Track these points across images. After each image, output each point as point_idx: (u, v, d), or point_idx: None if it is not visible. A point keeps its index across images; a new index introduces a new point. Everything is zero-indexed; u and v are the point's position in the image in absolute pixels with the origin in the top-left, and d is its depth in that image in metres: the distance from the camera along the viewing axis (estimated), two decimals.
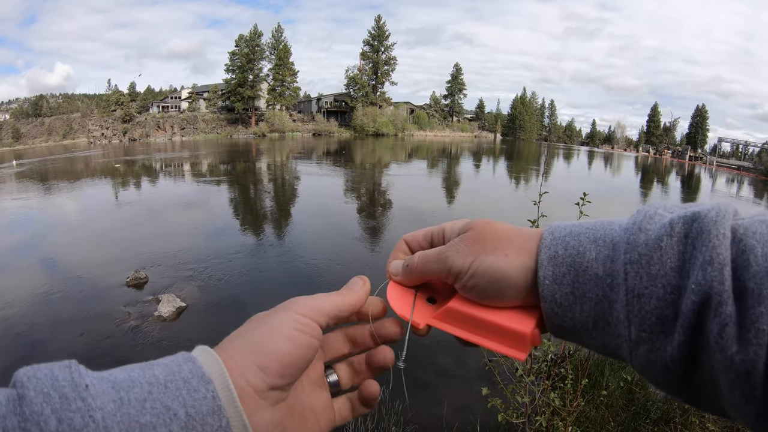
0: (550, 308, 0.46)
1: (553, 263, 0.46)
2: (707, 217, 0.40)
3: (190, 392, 0.39)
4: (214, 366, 0.41)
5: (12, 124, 79.89)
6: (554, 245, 0.47)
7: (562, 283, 0.46)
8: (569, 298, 0.45)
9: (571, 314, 0.45)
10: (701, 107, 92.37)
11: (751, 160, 69.45)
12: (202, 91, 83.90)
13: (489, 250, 0.50)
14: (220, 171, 30.28)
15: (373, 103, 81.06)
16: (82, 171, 31.55)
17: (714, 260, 0.37)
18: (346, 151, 47.72)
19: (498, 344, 0.50)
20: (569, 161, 54.23)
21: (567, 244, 0.47)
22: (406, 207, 16.86)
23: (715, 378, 0.37)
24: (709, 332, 0.36)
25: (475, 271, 0.50)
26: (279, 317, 0.48)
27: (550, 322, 0.47)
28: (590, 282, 0.44)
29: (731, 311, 0.36)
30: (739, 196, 31.46)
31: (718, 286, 0.36)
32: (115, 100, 74.50)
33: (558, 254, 0.47)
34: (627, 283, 0.41)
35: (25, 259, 10.60)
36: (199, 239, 11.95)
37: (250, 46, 74.49)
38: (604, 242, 0.45)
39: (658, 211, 0.44)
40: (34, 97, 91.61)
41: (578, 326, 0.46)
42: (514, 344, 0.49)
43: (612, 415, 4.17)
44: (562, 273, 0.46)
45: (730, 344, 0.35)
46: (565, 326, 0.47)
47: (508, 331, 0.49)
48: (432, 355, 6.00)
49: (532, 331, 0.48)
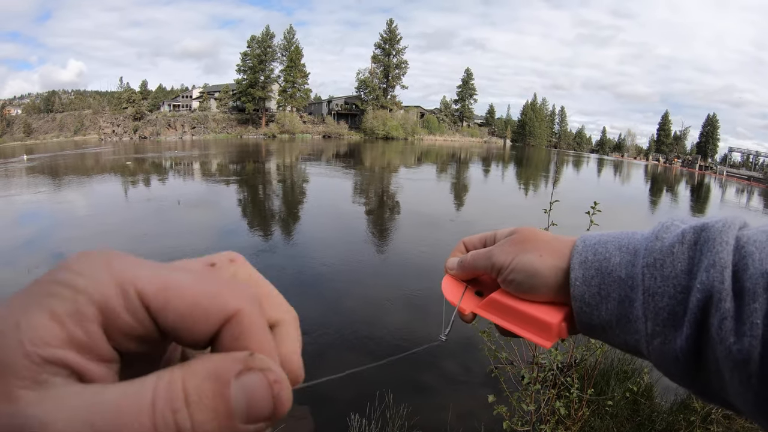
0: (579, 307, 0.51)
1: (583, 267, 0.52)
2: (714, 227, 0.45)
3: None
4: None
5: (24, 119, 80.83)
6: (585, 251, 0.53)
7: (591, 284, 0.51)
8: (596, 298, 0.50)
9: (597, 313, 0.50)
10: (712, 116, 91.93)
11: (761, 171, 69.03)
12: (213, 90, 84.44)
13: (528, 250, 0.57)
14: (230, 171, 30.39)
15: (383, 106, 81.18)
16: (93, 167, 31.79)
17: (717, 263, 0.42)
18: (355, 155, 47.76)
19: (529, 333, 0.55)
20: (579, 169, 54.02)
21: (596, 250, 0.52)
22: (416, 211, 16.87)
23: (718, 368, 0.41)
24: (711, 326, 0.41)
25: (515, 267, 0.56)
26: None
27: (580, 320, 0.52)
28: (614, 284, 0.49)
29: (730, 307, 0.40)
30: (749, 207, 31.21)
31: (719, 285, 0.41)
32: (127, 97, 75.20)
33: (588, 259, 0.52)
34: (644, 284, 0.46)
35: (34, 254, 10.67)
36: (206, 238, 11.99)
37: (262, 47, 74.88)
38: (627, 249, 0.50)
39: (675, 223, 0.50)
40: (47, 93, 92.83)
41: (604, 324, 0.50)
42: (542, 333, 0.54)
43: (617, 425, 4.14)
44: (590, 276, 0.51)
45: (729, 336, 0.39)
46: (592, 324, 0.51)
47: (538, 321, 0.54)
48: (437, 361, 5.99)
49: (559, 323, 0.54)
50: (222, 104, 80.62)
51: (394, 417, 4.26)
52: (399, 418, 4.25)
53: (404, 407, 4.45)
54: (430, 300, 7.58)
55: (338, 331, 6.64)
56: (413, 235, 12.99)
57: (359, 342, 6.40)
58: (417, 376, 5.75)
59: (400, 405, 4.44)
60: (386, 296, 8.06)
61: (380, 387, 4.83)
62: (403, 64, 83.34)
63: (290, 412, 3.08)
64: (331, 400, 5.17)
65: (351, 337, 6.50)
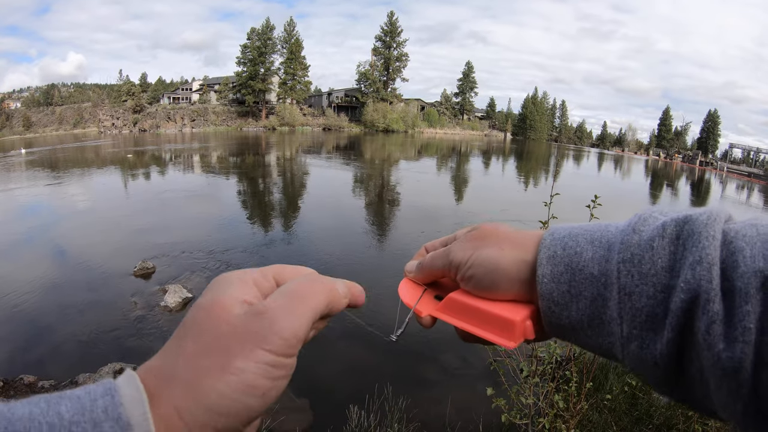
0: (547, 306, 0.48)
1: (551, 262, 0.48)
2: (698, 220, 0.41)
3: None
4: (137, 407, 0.32)
5: (23, 112, 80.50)
6: (553, 245, 0.49)
7: (560, 281, 0.47)
8: (566, 297, 0.46)
9: (567, 312, 0.46)
10: (713, 112, 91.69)
11: (762, 167, 68.98)
12: (213, 83, 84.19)
13: (488, 245, 0.53)
14: (230, 163, 30.41)
15: (383, 99, 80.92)
16: (92, 160, 31.73)
17: (703, 260, 0.38)
18: (355, 147, 47.72)
19: (490, 333, 0.51)
20: (579, 163, 53.94)
21: (565, 244, 0.48)
22: (415, 204, 16.87)
23: (704, 376, 0.38)
24: (698, 330, 0.37)
25: (473, 263, 0.52)
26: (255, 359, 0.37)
27: (548, 321, 0.48)
28: (586, 281, 0.45)
29: (719, 309, 0.37)
30: (749, 203, 31.20)
31: (707, 284, 0.37)
32: (126, 90, 74.88)
33: (557, 254, 0.48)
34: (619, 282, 0.43)
35: (35, 247, 10.70)
36: (207, 230, 11.98)
37: (262, 39, 74.58)
38: (600, 243, 0.46)
39: (653, 214, 0.46)
40: (46, 86, 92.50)
41: (574, 324, 0.47)
42: (504, 333, 0.50)
43: (615, 419, 4.15)
44: (559, 272, 0.47)
45: (718, 341, 0.36)
46: (561, 324, 0.48)
47: (500, 319, 0.50)
48: (436, 354, 6.01)
49: (523, 321, 0.50)
50: (222, 97, 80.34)
51: (393, 410, 4.28)
52: (398, 411, 4.26)
53: (403, 400, 4.46)
54: None
55: (336, 321, 6.64)
56: (417, 226, 12.99)
57: (359, 331, 6.41)
58: (416, 369, 5.76)
59: (399, 398, 4.46)
60: (385, 285, 8.07)
61: (379, 380, 4.85)
62: (404, 57, 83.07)
63: (289, 404, 3.15)
64: (330, 393, 5.19)
65: (351, 327, 6.51)
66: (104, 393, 0.33)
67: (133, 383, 0.34)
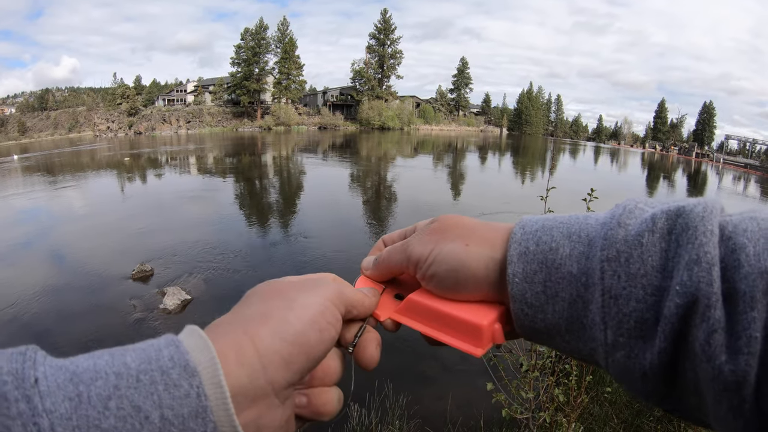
0: (519, 308, 0.43)
1: (523, 260, 0.43)
2: (693, 212, 0.37)
3: (168, 388, 0.32)
4: (204, 353, 0.34)
5: (18, 117, 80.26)
6: (525, 240, 0.44)
7: (533, 281, 0.42)
8: (540, 298, 0.42)
9: (542, 315, 0.42)
10: (709, 104, 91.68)
11: (758, 158, 69.09)
12: (207, 84, 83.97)
13: (450, 239, 0.48)
14: (226, 164, 30.36)
15: (378, 96, 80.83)
16: (88, 165, 31.65)
17: (701, 259, 0.34)
18: (351, 145, 47.67)
19: (456, 339, 0.47)
20: (575, 157, 54.00)
21: (539, 239, 0.44)
22: (412, 200, 16.85)
23: (699, 388, 0.35)
24: (695, 339, 0.34)
25: (434, 259, 0.48)
26: (312, 300, 0.43)
27: (520, 324, 0.44)
28: (563, 281, 0.41)
29: (720, 316, 0.33)
30: (746, 194, 31.28)
31: (706, 288, 0.33)
32: (121, 93, 74.76)
33: (529, 250, 0.43)
34: (603, 283, 0.38)
35: (33, 251, 10.68)
36: (205, 232, 11.96)
37: (256, 39, 74.38)
38: (579, 237, 0.42)
39: (639, 205, 0.41)
40: (40, 91, 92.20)
41: (550, 328, 0.42)
42: (471, 339, 0.46)
43: (615, 411, 4.16)
44: (533, 270, 0.43)
45: (719, 353, 0.32)
46: (536, 328, 0.43)
47: (466, 324, 0.46)
48: (436, 350, 6.00)
49: (490, 326, 0.46)
50: (217, 98, 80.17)
51: (393, 406, 4.28)
52: (398, 408, 4.27)
53: (404, 396, 4.46)
54: None
55: None
56: (409, 223, 12.93)
57: None
58: (416, 366, 5.76)
59: (399, 394, 4.46)
60: None
61: (379, 376, 4.84)
62: (398, 54, 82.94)
63: None
64: None
65: None
66: (168, 344, 0.34)
67: (196, 333, 0.36)
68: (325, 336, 0.42)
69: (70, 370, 0.30)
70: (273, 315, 0.40)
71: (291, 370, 0.39)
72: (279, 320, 0.39)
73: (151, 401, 0.31)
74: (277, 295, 0.43)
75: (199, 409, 0.32)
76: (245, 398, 0.36)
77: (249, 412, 0.36)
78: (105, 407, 0.29)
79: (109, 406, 0.29)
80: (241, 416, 0.35)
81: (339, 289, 0.46)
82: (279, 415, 0.40)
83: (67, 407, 0.28)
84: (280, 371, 0.38)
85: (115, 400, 0.30)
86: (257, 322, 0.39)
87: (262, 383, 0.37)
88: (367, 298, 0.50)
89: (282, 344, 0.38)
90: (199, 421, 0.32)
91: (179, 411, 0.31)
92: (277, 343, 0.38)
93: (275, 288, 0.44)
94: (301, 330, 0.40)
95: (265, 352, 0.37)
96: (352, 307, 0.47)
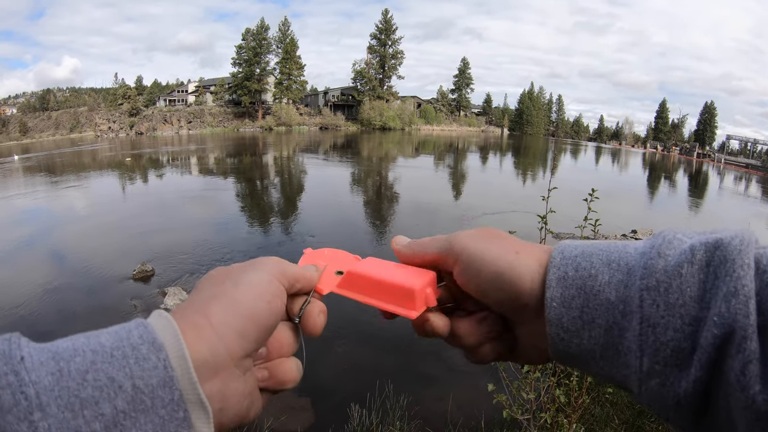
0: (555, 333, 0.44)
1: (562, 284, 0.44)
2: (731, 245, 0.38)
3: (138, 361, 0.35)
4: (169, 330, 0.38)
5: (19, 118, 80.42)
6: (564, 265, 0.45)
7: (571, 306, 0.43)
8: (577, 323, 0.43)
9: (577, 341, 0.43)
10: (710, 104, 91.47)
11: (759, 159, 68.99)
12: (209, 84, 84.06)
13: (500, 243, 0.49)
14: (228, 165, 30.35)
15: (380, 96, 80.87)
16: (90, 165, 31.66)
17: (738, 292, 0.35)
18: (353, 146, 47.67)
19: (393, 305, 0.50)
20: (577, 157, 53.92)
21: (578, 265, 0.44)
22: (414, 200, 16.81)
23: (731, 417, 0.35)
24: (731, 369, 0.34)
25: (482, 257, 0.48)
26: (258, 277, 0.46)
27: (555, 348, 0.45)
28: (601, 307, 0.42)
29: (755, 348, 0.34)
30: (747, 195, 31.24)
31: (743, 319, 0.34)
32: (122, 93, 74.89)
33: (568, 275, 0.44)
34: (642, 311, 0.39)
35: (34, 252, 10.68)
36: (206, 232, 11.96)
37: (257, 39, 74.43)
38: (618, 266, 0.43)
39: (677, 236, 0.42)
40: (42, 91, 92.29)
41: (584, 354, 0.43)
42: (405, 303, 0.49)
43: (617, 412, 4.15)
44: (570, 295, 0.43)
45: (753, 383, 0.33)
46: (570, 353, 0.44)
47: (400, 289, 0.50)
48: (436, 351, 6.00)
49: (422, 289, 0.49)
50: (218, 98, 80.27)
51: (394, 407, 4.27)
52: (399, 408, 4.26)
53: (404, 397, 4.46)
54: None
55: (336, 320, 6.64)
56: (411, 222, 12.98)
57: (358, 330, 6.40)
58: (417, 366, 5.76)
59: (400, 395, 4.45)
60: None
61: (380, 377, 4.84)
62: (399, 54, 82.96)
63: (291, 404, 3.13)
64: (331, 392, 5.18)
65: (347, 325, 6.50)
66: (137, 325, 0.38)
67: (161, 316, 0.40)
68: (272, 306, 0.45)
69: (51, 350, 0.34)
70: (223, 294, 0.43)
71: (246, 339, 0.42)
72: (229, 298, 0.43)
73: (124, 373, 0.34)
74: (225, 278, 0.46)
75: (167, 379, 0.35)
76: (207, 369, 0.39)
77: (213, 382, 0.39)
78: (83, 379, 0.33)
79: (87, 378, 0.33)
80: (206, 386, 0.38)
81: (281, 266, 0.49)
82: (242, 385, 0.43)
83: (50, 380, 0.32)
84: (235, 342, 0.41)
85: (92, 373, 0.33)
86: (210, 303, 0.42)
87: (221, 354, 0.40)
88: (309, 273, 0.53)
89: (234, 317, 0.42)
90: (167, 390, 0.35)
91: (149, 381, 0.35)
92: (230, 317, 0.42)
93: (222, 272, 0.47)
94: (250, 303, 0.43)
95: (220, 326, 0.41)
96: (296, 281, 0.50)
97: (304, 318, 0.51)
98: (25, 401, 0.30)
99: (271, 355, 0.49)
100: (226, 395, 0.41)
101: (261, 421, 4.29)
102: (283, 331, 0.50)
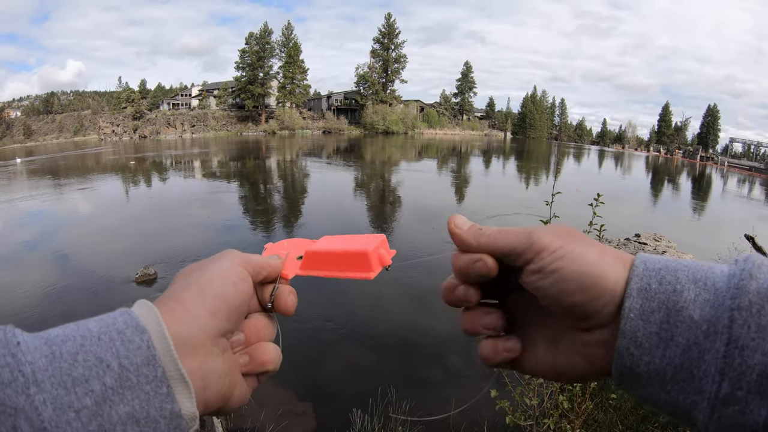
0: (625, 347, 0.42)
1: (643, 296, 0.42)
2: None
3: (123, 343, 0.38)
4: (150, 316, 0.41)
5: (23, 121, 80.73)
6: (647, 276, 0.42)
7: (649, 320, 0.41)
8: (653, 339, 0.41)
9: (648, 358, 0.41)
10: (713, 107, 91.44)
11: (763, 161, 68.84)
12: (212, 88, 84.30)
13: (582, 243, 0.46)
14: (231, 168, 30.37)
15: (383, 101, 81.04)
16: (93, 168, 31.75)
17: None
18: (356, 150, 47.69)
19: (352, 272, 0.55)
20: (580, 161, 53.86)
21: (662, 278, 0.42)
22: (417, 202, 16.80)
23: None
24: None
25: (564, 255, 0.44)
26: (223, 265, 0.50)
27: (620, 363, 0.42)
28: (683, 324, 0.40)
29: None
30: (750, 197, 31.14)
31: None
32: (126, 97, 75.09)
33: (651, 287, 0.42)
34: (731, 332, 0.37)
35: (37, 254, 10.70)
36: (208, 235, 11.99)
37: (261, 43, 74.69)
38: (705, 284, 0.41)
39: (766, 262, 0.40)
40: (46, 95, 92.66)
41: (653, 374, 0.41)
42: (362, 267, 0.55)
43: (620, 418, 4.12)
44: (651, 309, 0.41)
45: None
46: (636, 372, 0.42)
47: (354, 255, 0.55)
48: (439, 356, 5.98)
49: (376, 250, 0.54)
50: (221, 102, 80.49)
51: (396, 412, 4.25)
52: (401, 413, 4.23)
53: (407, 402, 4.44)
54: (434, 294, 7.56)
55: (342, 324, 6.62)
56: (415, 227, 12.96)
57: (359, 334, 6.38)
58: (419, 371, 5.73)
59: (402, 400, 4.44)
60: (390, 291, 8.04)
61: (382, 382, 4.83)
62: (402, 58, 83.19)
63: (292, 408, 3.11)
64: (333, 397, 5.16)
65: (349, 329, 6.48)
66: (122, 313, 0.41)
67: (143, 304, 0.43)
68: (238, 288, 0.49)
69: (44, 337, 0.37)
70: (195, 282, 0.48)
71: (217, 318, 0.46)
72: (199, 284, 0.47)
73: (111, 353, 0.37)
74: (194, 270, 0.50)
75: (150, 358, 0.39)
76: (186, 347, 0.42)
77: (192, 359, 0.43)
78: (74, 360, 0.36)
79: (78, 359, 0.36)
80: (186, 363, 0.42)
81: (244, 256, 0.53)
82: (220, 363, 0.46)
83: (44, 361, 0.35)
84: (209, 321, 0.45)
85: (82, 355, 0.36)
86: (183, 291, 0.46)
87: (196, 333, 0.44)
88: (273, 261, 0.57)
89: (204, 299, 0.46)
90: (151, 368, 0.38)
91: (134, 360, 0.38)
92: (200, 299, 0.46)
93: (192, 266, 0.52)
94: (218, 286, 0.47)
95: (193, 308, 0.45)
96: (261, 268, 0.54)
97: (276, 301, 0.55)
98: (22, 378, 0.33)
99: (250, 340, 0.52)
100: (206, 372, 0.44)
101: (263, 426, 4.28)
102: (258, 318, 0.54)
